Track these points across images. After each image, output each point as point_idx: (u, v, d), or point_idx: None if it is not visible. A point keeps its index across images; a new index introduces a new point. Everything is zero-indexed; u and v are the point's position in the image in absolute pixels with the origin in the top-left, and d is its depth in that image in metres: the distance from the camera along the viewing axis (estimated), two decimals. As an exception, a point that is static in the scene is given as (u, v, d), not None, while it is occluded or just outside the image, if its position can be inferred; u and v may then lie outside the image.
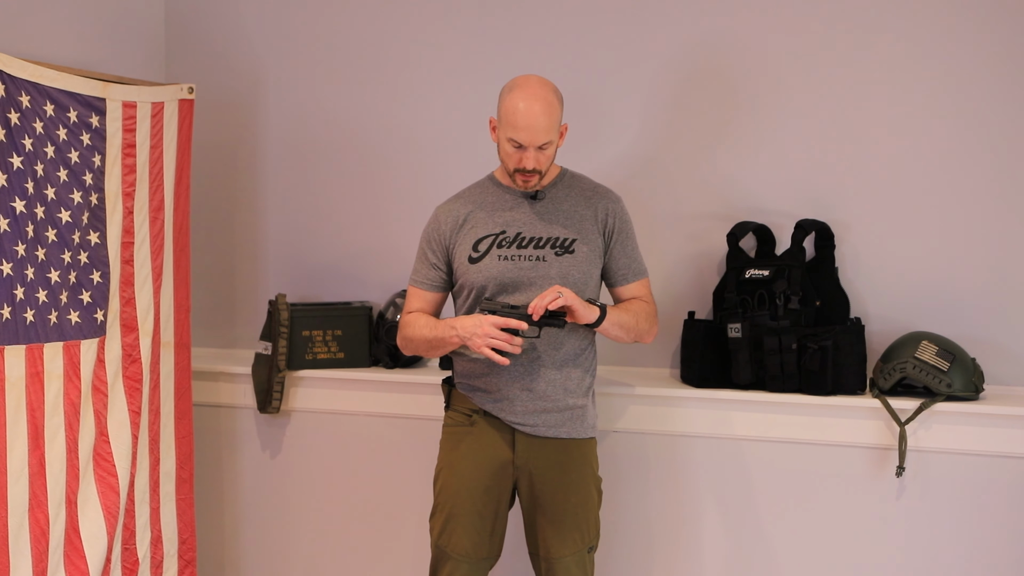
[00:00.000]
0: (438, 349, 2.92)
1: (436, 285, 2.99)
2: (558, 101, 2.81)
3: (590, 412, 2.96)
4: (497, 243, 2.89)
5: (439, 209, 3.00)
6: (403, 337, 3.02)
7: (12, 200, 2.89)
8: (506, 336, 2.73)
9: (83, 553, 3.12)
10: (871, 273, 3.27)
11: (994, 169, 3.18)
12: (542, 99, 2.76)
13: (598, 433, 3.05)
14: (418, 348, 2.97)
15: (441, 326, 2.88)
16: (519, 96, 2.76)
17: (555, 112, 2.78)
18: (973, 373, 3.03)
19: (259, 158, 3.95)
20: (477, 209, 2.94)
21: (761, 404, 3.16)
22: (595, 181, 3.02)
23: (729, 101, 3.40)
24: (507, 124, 2.77)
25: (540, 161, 2.79)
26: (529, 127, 2.74)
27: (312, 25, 3.86)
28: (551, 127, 2.76)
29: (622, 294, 2.98)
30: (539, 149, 2.78)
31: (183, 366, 3.52)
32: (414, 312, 3.01)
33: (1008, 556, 3.01)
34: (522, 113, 2.74)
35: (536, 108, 2.74)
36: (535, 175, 2.82)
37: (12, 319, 2.90)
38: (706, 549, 3.27)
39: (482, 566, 2.96)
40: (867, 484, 3.10)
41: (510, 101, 2.77)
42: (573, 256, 2.86)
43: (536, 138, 2.75)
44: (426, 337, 2.91)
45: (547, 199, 2.92)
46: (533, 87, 2.78)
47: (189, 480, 3.55)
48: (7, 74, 2.87)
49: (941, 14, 3.20)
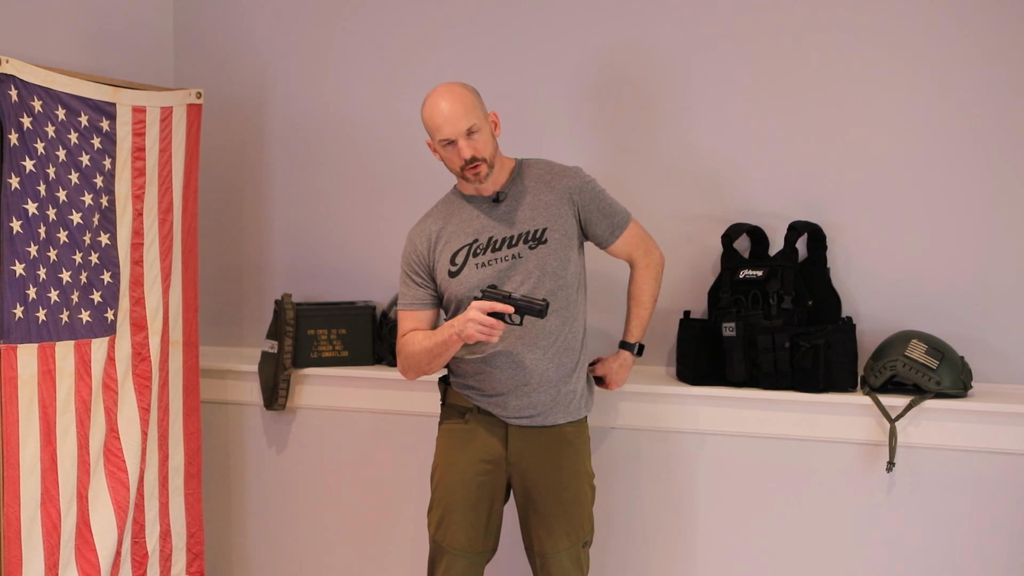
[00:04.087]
0: (440, 356, 2.88)
1: (426, 303, 3.00)
2: (468, 91, 2.87)
3: (581, 393, 2.98)
4: (472, 252, 2.92)
5: (411, 233, 3.03)
6: (404, 358, 2.97)
7: (24, 202, 2.91)
8: (491, 321, 2.73)
9: (94, 546, 3.15)
10: (862, 273, 3.27)
11: (981, 172, 3.18)
12: (449, 93, 2.85)
13: (594, 430, 3.06)
14: (420, 363, 2.93)
15: (439, 331, 2.88)
16: (428, 102, 2.86)
17: (466, 99, 2.85)
18: (961, 371, 3.04)
19: (265, 161, 3.97)
20: (446, 224, 2.98)
21: (755, 401, 3.17)
22: (551, 162, 3.03)
23: (724, 104, 3.40)
24: (433, 130, 2.85)
25: (476, 147, 2.84)
26: (448, 119, 2.81)
27: (317, 32, 3.88)
28: (468, 112, 2.83)
29: (617, 250, 3.01)
30: (469, 137, 2.83)
31: (191, 364, 3.54)
32: (409, 333, 3.00)
33: (995, 548, 3.02)
34: (437, 112, 2.83)
35: (443, 101, 2.83)
36: (481, 164, 2.86)
37: (25, 318, 2.93)
38: (700, 543, 3.28)
39: (478, 560, 2.99)
40: (858, 479, 3.11)
41: (426, 110, 2.87)
42: (547, 246, 2.88)
43: (459, 126, 2.81)
44: (427, 347, 2.89)
45: (509, 197, 2.95)
46: (439, 89, 2.87)
47: (197, 475, 3.56)
48: (20, 79, 2.90)
49: (930, 16, 3.20)
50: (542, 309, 2.73)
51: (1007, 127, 3.16)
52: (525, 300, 2.75)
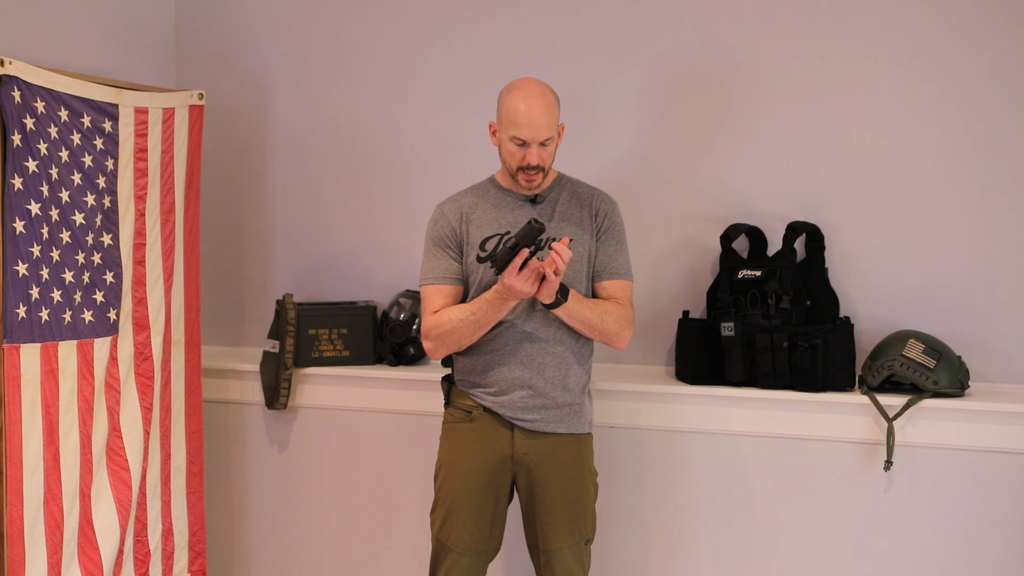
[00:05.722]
0: (483, 323, 2.82)
1: (458, 278, 2.95)
2: (555, 100, 2.88)
3: (587, 409, 2.98)
4: (502, 243, 2.93)
5: (442, 206, 3.01)
6: (441, 335, 2.89)
7: (27, 203, 2.92)
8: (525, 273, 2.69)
9: (96, 545, 3.16)
10: (860, 273, 3.28)
11: (978, 172, 3.19)
12: (541, 97, 2.84)
13: (595, 429, 3.06)
14: (462, 335, 2.86)
15: (482, 297, 2.82)
16: (519, 96, 2.84)
17: (554, 109, 2.85)
18: (959, 370, 3.05)
19: (267, 162, 3.98)
20: (478, 207, 2.97)
21: (753, 400, 3.18)
22: (591, 185, 3.06)
23: (722, 106, 3.42)
24: (509, 123, 2.84)
25: (543, 157, 2.85)
26: (531, 123, 2.81)
27: (318, 33, 3.89)
28: (551, 123, 2.84)
29: (599, 291, 2.98)
30: (541, 145, 2.84)
31: (193, 364, 3.55)
32: (441, 309, 2.92)
33: (992, 546, 3.03)
34: (523, 111, 2.81)
35: (536, 105, 2.81)
36: (539, 172, 2.87)
37: (28, 318, 2.94)
38: (700, 541, 3.29)
39: (482, 559, 2.99)
40: (856, 478, 3.12)
41: (511, 101, 2.84)
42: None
43: (538, 134, 2.82)
44: (466, 317, 2.83)
45: (546, 202, 2.97)
46: (532, 87, 2.86)
47: (199, 474, 3.58)
48: (23, 81, 2.90)
49: (926, 18, 3.21)
50: (535, 227, 2.63)
51: (1004, 128, 3.17)
52: (520, 234, 2.66)
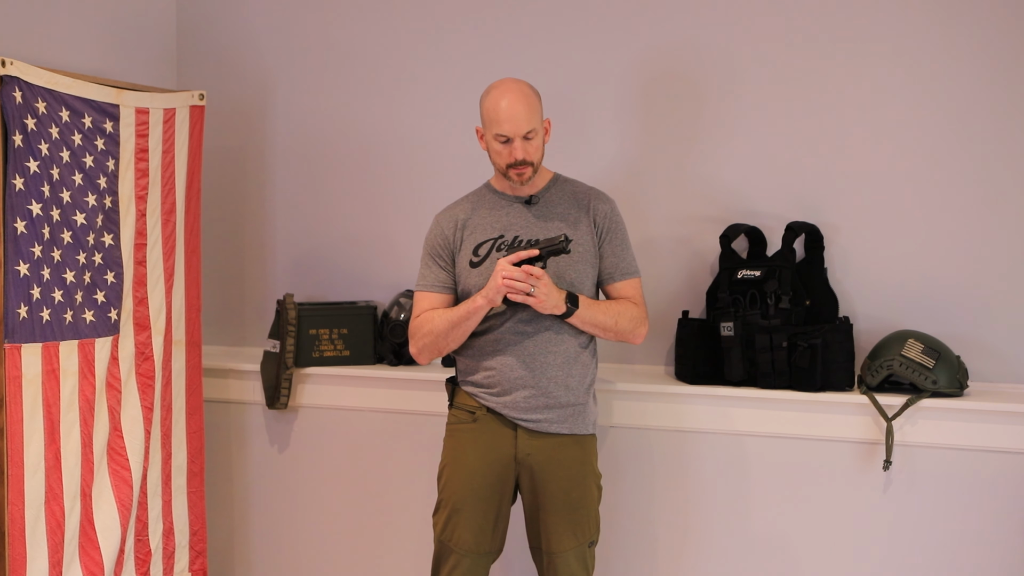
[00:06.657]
0: (461, 327, 2.87)
1: (447, 287, 2.99)
2: (535, 94, 2.90)
3: (591, 410, 2.98)
4: (496, 247, 2.94)
5: (439, 216, 3.05)
6: (421, 336, 2.96)
7: (29, 203, 2.93)
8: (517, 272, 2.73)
9: (97, 544, 3.17)
10: (859, 273, 3.29)
11: (977, 172, 3.19)
12: (518, 92, 2.86)
13: (598, 428, 3.07)
14: (438, 338, 2.92)
15: (463, 304, 2.88)
16: (497, 94, 2.87)
17: (533, 103, 2.87)
18: (958, 370, 3.06)
19: (267, 162, 3.99)
20: (474, 214, 2.99)
21: (753, 400, 3.19)
22: (587, 184, 3.06)
23: (721, 107, 3.42)
24: (491, 122, 2.87)
25: (528, 151, 2.87)
26: (512, 118, 2.83)
27: (319, 34, 3.90)
28: (532, 116, 2.85)
29: (611, 293, 3.00)
30: (525, 139, 2.86)
31: (194, 363, 3.56)
32: (425, 312, 2.98)
33: (991, 546, 3.04)
34: (504, 108, 2.84)
35: (515, 100, 2.84)
36: (527, 167, 2.89)
37: (29, 318, 2.95)
38: (698, 542, 3.30)
39: (484, 560, 2.98)
40: (855, 477, 3.13)
41: (490, 101, 2.88)
42: (568, 256, 2.89)
43: (519, 127, 2.84)
44: (448, 318, 2.89)
45: (541, 203, 2.98)
46: (508, 84, 2.89)
47: (200, 474, 3.59)
48: (24, 81, 2.91)
49: (925, 21, 3.22)
50: (563, 243, 2.75)
51: (1002, 128, 3.17)
52: (546, 241, 2.78)
